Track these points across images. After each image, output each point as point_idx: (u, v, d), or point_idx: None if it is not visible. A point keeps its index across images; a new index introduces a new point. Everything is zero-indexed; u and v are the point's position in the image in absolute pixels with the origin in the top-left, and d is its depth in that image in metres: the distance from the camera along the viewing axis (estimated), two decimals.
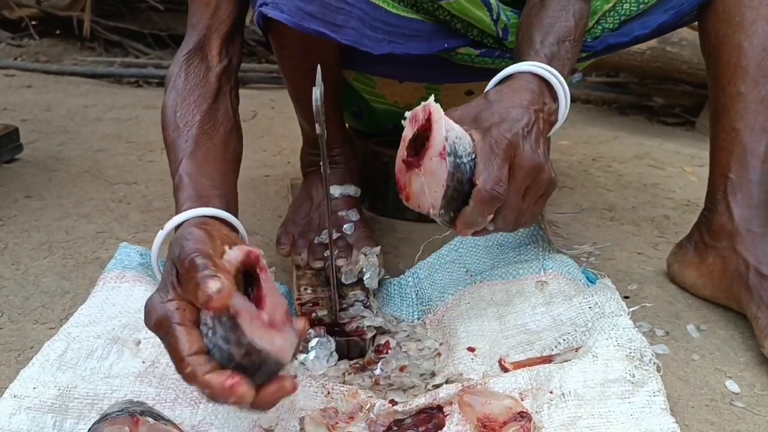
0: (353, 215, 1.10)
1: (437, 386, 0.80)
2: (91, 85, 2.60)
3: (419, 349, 0.91)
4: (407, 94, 1.25)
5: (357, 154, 1.22)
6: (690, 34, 2.16)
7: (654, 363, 0.78)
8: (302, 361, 0.87)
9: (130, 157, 1.71)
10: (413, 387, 0.83)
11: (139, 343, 0.83)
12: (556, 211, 1.00)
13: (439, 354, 0.89)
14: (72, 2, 3.18)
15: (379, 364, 0.87)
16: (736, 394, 0.84)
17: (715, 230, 1.02)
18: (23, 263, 1.13)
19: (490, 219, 0.78)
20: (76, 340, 0.82)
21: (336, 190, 1.12)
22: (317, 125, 0.72)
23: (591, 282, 0.98)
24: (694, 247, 1.07)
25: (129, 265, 0.96)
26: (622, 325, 0.81)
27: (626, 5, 1.05)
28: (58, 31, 3.27)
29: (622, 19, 1.06)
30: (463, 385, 0.77)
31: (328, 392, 0.79)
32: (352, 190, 1.15)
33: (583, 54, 1.08)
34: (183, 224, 0.71)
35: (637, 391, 0.74)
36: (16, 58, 2.97)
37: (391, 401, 0.78)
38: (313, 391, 0.79)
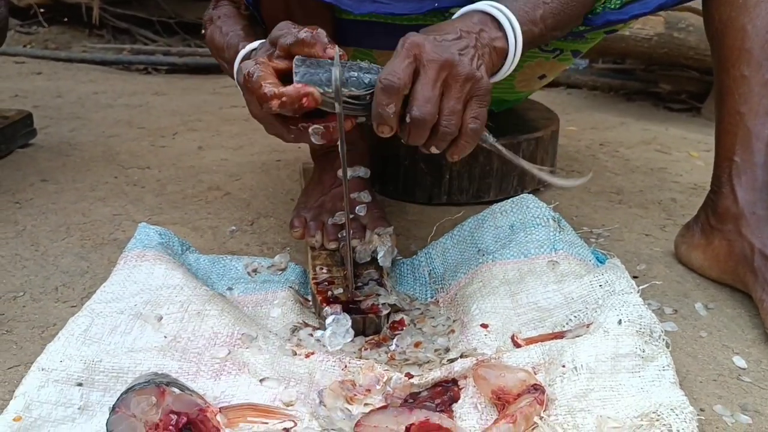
0: (365, 196, 1.11)
1: (452, 360, 0.82)
2: (100, 72, 2.62)
3: (433, 326, 0.93)
4: None
5: (365, 138, 1.24)
6: (697, 20, 2.16)
7: (663, 339, 0.80)
8: (318, 338, 0.89)
9: (142, 142, 1.73)
10: (428, 362, 0.85)
11: (161, 319, 0.85)
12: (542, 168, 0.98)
13: (453, 330, 0.91)
14: None
15: (395, 340, 0.89)
16: (743, 369, 0.86)
17: (721, 213, 1.04)
18: (42, 244, 1.15)
19: (392, 110, 0.75)
20: (100, 315, 0.84)
21: (347, 172, 1.14)
22: (336, 104, 0.73)
23: (600, 262, 1.00)
24: (700, 229, 1.08)
25: (149, 244, 0.98)
26: (632, 302, 0.83)
27: None
28: (66, 19, 3.28)
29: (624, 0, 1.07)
30: (478, 359, 0.79)
31: (345, 366, 0.81)
32: (362, 171, 1.16)
33: (582, 28, 1.09)
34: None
35: (647, 365, 0.76)
36: (26, 46, 2.99)
37: (407, 374, 0.80)
38: (331, 365, 0.82)
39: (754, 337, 0.93)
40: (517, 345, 0.84)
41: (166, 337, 0.83)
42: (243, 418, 0.70)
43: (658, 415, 0.68)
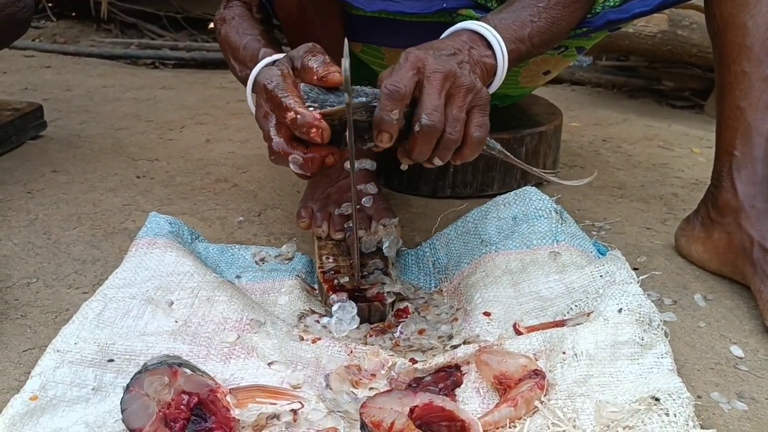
0: (371, 188, 1.13)
1: (455, 347, 0.84)
2: (108, 66, 2.64)
3: (437, 314, 0.95)
4: None
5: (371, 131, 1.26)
6: (700, 18, 2.17)
7: (662, 328, 0.82)
8: (325, 325, 0.91)
9: (151, 135, 1.75)
10: (432, 348, 0.87)
11: (171, 304, 0.87)
12: (544, 171, 1.01)
13: (456, 318, 0.93)
14: None
15: (399, 327, 0.91)
16: (741, 359, 0.88)
17: (721, 206, 1.06)
18: (54, 233, 1.17)
19: (396, 116, 0.77)
20: (113, 300, 0.87)
21: (354, 164, 1.16)
22: (345, 95, 0.75)
23: (601, 254, 1.02)
24: (700, 222, 1.10)
25: (159, 232, 1.00)
26: (632, 291, 0.85)
27: None
28: (75, 13, 3.31)
29: None
30: (480, 346, 0.81)
31: (351, 351, 0.84)
32: (368, 163, 1.18)
33: (583, 29, 1.10)
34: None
35: (646, 353, 0.78)
36: (35, 39, 3.02)
37: (412, 360, 0.82)
38: (337, 351, 0.84)
39: (752, 328, 0.95)
40: (519, 333, 0.86)
41: (176, 322, 0.85)
42: (252, 399, 0.72)
43: (656, 400, 0.70)
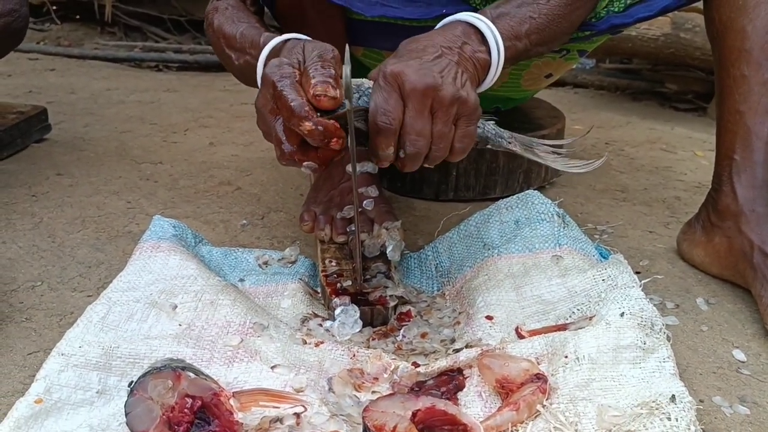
0: (372, 191, 1.13)
1: (457, 350, 0.84)
2: (112, 69, 2.65)
3: (439, 318, 0.95)
4: None
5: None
6: (703, 21, 2.17)
7: (664, 332, 0.82)
8: (328, 328, 0.91)
9: (155, 138, 1.76)
10: (434, 352, 0.87)
11: (175, 308, 0.88)
12: (545, 142, 1.00)
13: (459, 322, 0.93)
14: None
15: (402, 331, 0.91)
16: (743, 363, 0.88)
17: (721, 210, 1.06)
18: (58, 236, 1.18)
19: (391, 150, 0.78)
20: (117, 303, 0.87)
21: (356, 167, 1.16)
22: (346, 101, 0.76)
23: (604, 258, 1.02)
24: (701, 226, 1.10)
25: (163, 236, 1.00)
26: (634, 295, 0.85)
27: None
28: (79, 16, 3.32)
29: (628, 2, 1.09)
30: (482, 349, 0.81)
31: (354, 355, 0.84)
32: (370, 167, 1.18)
33: (586, 32, 1.11)
34: (291, 39, 0.84)
35: (648, 357, 0.78)
36: (39, 42, 3.03)
37: (414, 363, 0.83)
38: (340, 354, 0.84)
39: (754, 332, 0.95)
40: (521, 336, 0.86)
41: (180, 325, 0.85)
42: (255, 403, 0.72)
43: (658, 404, 0.70)
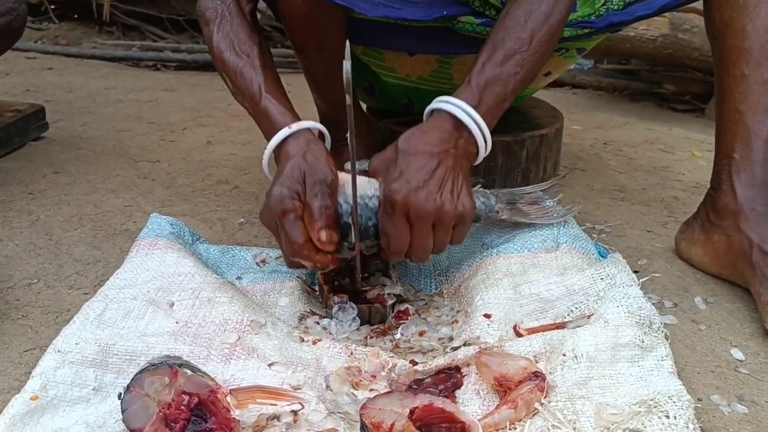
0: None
1: (455, 349, 0.84)
2: (110, 68, 2.64)
3: (437, 316, 0.95)
4: (418, 67, 1.28)
5: (372, 133, 1.26)
6: (702, 21, 2.15)
7: (662, 330, 0.82)
8: (325, 326, 0.91)
9: (152, 137, 1.75)
10: (432, 350, 0.87)
11: (172, 305, 0.87)
12: (529, 191, 1.07)
13: (457, 321, 0.93)
14: None
15: (399, 329, 0.91)
16: (741, 362, 0.88)
17: (720, 209, 1.06)
18: (55, 234, 1.17)
19: (402, 259, 0.89)
20: (114, 301, 0.87)
21: (355, 166, 1.16)
22: (347, 96, 0.76)
23: (602, 256, 1.02)
24: (700, 225, 1.10)
25: (161, 233, 1.00)
26: (633, 294, 0.85)
27: None
28: (77, 15, 3.31)
29: (627, 0, 1.09)
30: (481, 347, 0.81)
31: (351, 353, 0.84)
32: (367, 165, 1.19)
33: (585, 30, 1.11)
34: (292, 135, 0.91)
35: (646, 355, 0.78)
36: (37, 41, 3.02)
37: (412, 362, 0.83)
38: (337, 352, 0.84)
39: (753, 331, 0.95)
40: (519, 335, 0.86)
41: (177, 323, 0.85)
42: (252, 400, 0.72)
43: (656, 403, 0.70)
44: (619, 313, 0.82)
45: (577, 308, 0.89)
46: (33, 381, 0.74)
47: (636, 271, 1.08)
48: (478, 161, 0.93)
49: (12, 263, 1.07)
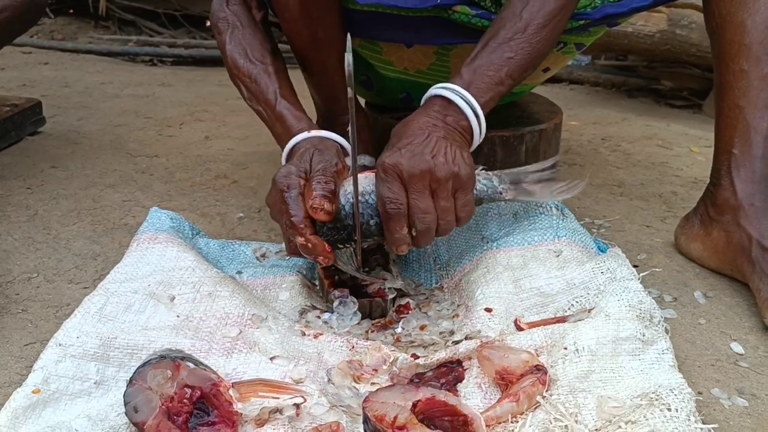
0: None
1: (456, 342, 0.84)
2: (106, 63, 2.64)
3: (438, 310, 0.95)
4: (416, 60, 1.27)
5: (371, 127, 1.25)
6: (699, 18, 2.17)
7: (663, 324, 0.82)
8: (326, 320, 0.91)
9: (149, 131, 1.75)
10: (433, 344, 0.87)
11: (173, 299, 0.87)
12: (528, 170, 1.05)
13: (457, 315, 0.93)
14: None
15: (400, 323, 0.91)
16: (741, 355, 0.88)
17: (719, 204, 1.06)
18: (54, 228, 1.17)
19: (405, 231, 0.86)
20: (115, 294, 0.87)
21: (351, 161, 1.16)
22: (348, 89, 0.76)
23: (602, 251, 1.02)
24: (699, 220, 1.10)
25: (161, 227, 1.00)
26: (633, 288, 0.85)
27: None
28: (72, 10, 3.30)
29: None
30: (482, 341, 0.81)
31: (353, 346, 0.84)
32: (368, 160, 1.19)
33: (581, 22, 1.11)
34: (304, 141, 0.94)
35: (647, 348, 0.78)
36: (32, 36, 3.01)
37: (413, 355, 0.83)
38: (339, 346, 0.84)
39: (752, 325, 0.95)
40: (520, 329, 0.86)
41: (178, 317, 0.85)
42: (255, 393, 0.72)
43: (657, 396, 0.70)
44: (620, 307, 0.82)
45: (577, 302, 0.89)
46: (35, 374, 0.74)
47: (636, 266, 1.08)
48: (476, 141, 0.94)
49: (11, 257, 1.07)
